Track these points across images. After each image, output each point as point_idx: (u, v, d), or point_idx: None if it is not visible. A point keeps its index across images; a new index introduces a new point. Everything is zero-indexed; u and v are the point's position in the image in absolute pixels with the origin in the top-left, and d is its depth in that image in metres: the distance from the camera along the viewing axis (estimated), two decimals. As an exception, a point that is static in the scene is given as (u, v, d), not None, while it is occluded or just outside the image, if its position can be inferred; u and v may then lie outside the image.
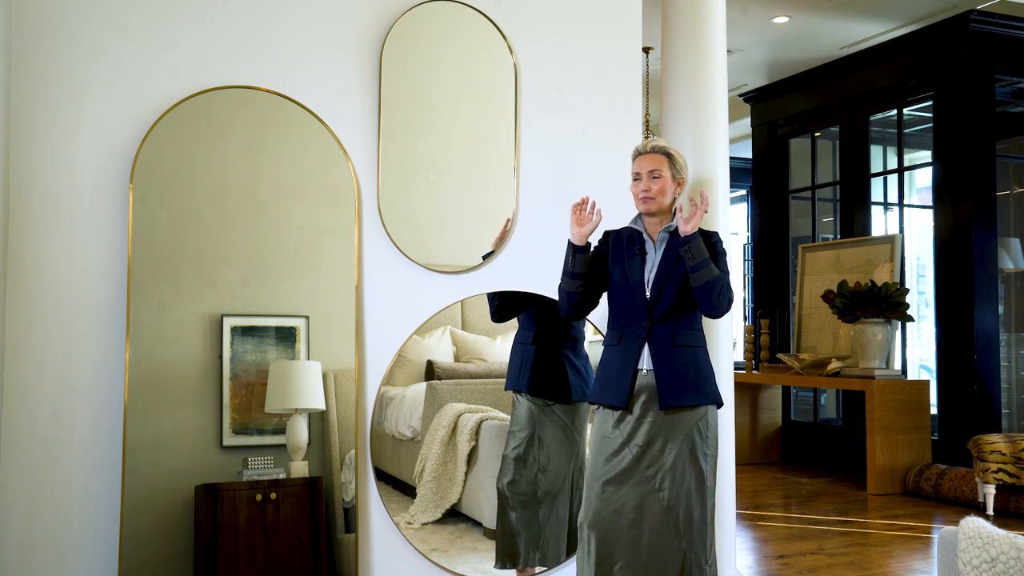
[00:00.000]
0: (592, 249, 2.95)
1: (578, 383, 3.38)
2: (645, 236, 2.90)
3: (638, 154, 2.90)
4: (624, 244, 2.93)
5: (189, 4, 3.12)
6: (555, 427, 3.36)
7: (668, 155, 2.88)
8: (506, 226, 3.42)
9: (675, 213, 2.87)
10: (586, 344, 3.47)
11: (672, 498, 2.73)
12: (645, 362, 2.82)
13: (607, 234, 3.00)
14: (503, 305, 3.43)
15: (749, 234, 10.52)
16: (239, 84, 3.14)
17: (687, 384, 2.78)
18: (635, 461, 2.77)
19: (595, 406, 2.92)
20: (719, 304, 2.79)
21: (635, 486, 2.76)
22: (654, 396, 2.78)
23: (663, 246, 2.87)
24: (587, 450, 2.95)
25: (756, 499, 6.15)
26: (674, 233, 2.86)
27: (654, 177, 2.85)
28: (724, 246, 2.93)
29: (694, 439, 2.77)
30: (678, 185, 2.89)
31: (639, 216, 2.92)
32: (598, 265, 2.95)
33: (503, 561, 3.32)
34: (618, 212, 3.54)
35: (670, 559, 2.72)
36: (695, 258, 2.75)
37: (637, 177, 2.88)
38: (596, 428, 2.89)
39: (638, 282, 2.85)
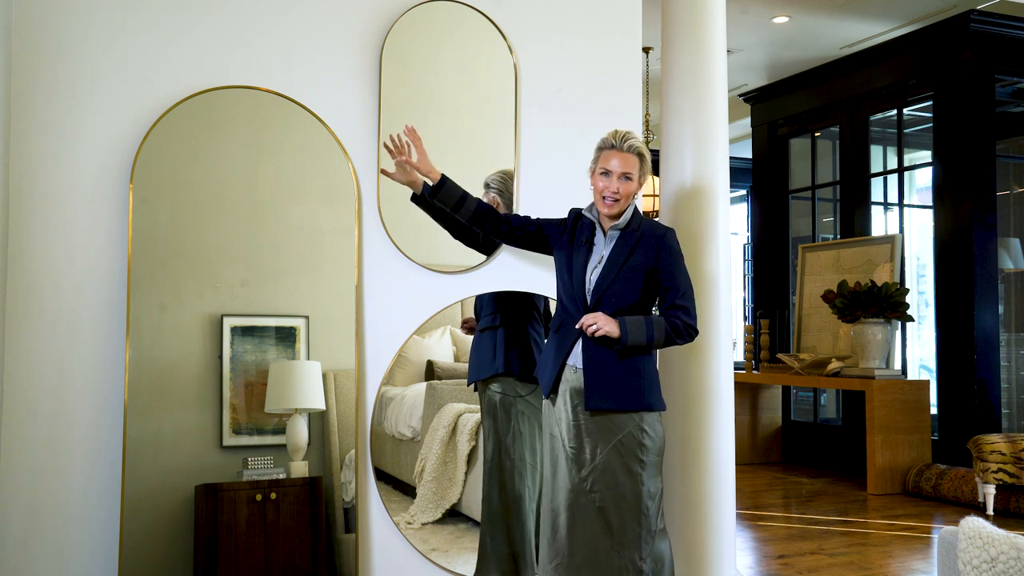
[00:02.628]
0: (445, 185, 2.93)
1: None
2: (597, 227, 2.83)
3: (610, 147, 2.77)
4: (575, 231, 2.86)
5: (189, 4, 3.12)
6: (532, 420, 3.29)
7: (641, 156, 2.77)
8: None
9: (628, 208, 2.82)
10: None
11: (603, 500, 2.70)
12: (576, 359, 2.77)
13: (571, 213, 2.92)
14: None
15: (749, 234, 10.52)
16: (239, 84, 3.14)
17: (617, 388, 2.71)
18: (568, 463, 2.75)
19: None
20: (680, 344, 2.80)
21: (570, 488, 2.73)
22: (582, 396, 2.73)
23: (611, 244, 2.79)
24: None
25: (756, 499, 6.15)
26: (624, 230, 2.79)
27: (626, 178, 2.75)
28: (679, 250, 2.82)
29: (628, 444, 2.71)
30: (641, 186, 2.81)
31: (593, 205, 2.85)
32: (524, 232, 2.94)
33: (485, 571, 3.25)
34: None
35: (604, 559, 2.70)
36: (640, 345, 2.69)
37: (605, 173, 2.75)
38: (543, 423, 2.89)
39: (579, 278, 2.78)
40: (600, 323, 2.66)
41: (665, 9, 3.95)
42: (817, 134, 8.14)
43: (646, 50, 7.12)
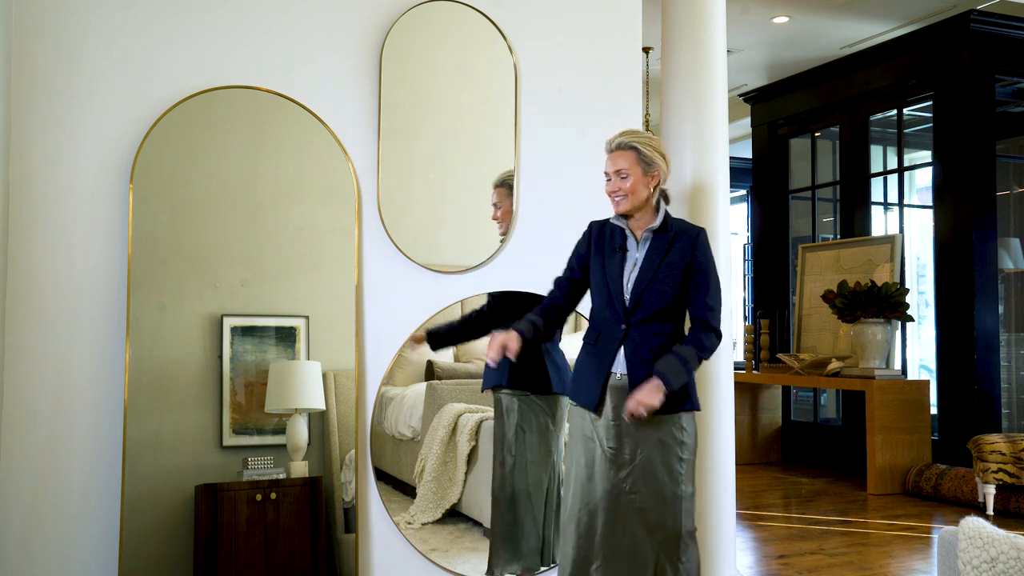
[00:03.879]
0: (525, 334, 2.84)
1: (556, 375, 3.32)
2: (627, 232, 2.80)
3: (607, 152, 2.76)
4: (606, 239, 2.82)
5: (189, 4, 3.12)
6: (536, 418, 3.30)
7: (635, 148, 2.73)
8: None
9: (660, 210, 2.79)
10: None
11: (643, 501, 2.69)
12: (620, 366, 2.74)
13: (592, 225, 2.88)
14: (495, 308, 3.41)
15: (749, 234, 10.52)
16: (239, 84, 3.14)
17: None
18: (608, 464, 2.72)
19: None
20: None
21: (609, 489, 2.71)
22: (624, 397, 2.71)
23: (646, 246, 2.77)
24: (565, 446, 2.91)
25: (756, 499, 6.15)
26: (657, 232, 2.77)
27: (622, 177, 2.72)
28: (711, 250, 2.79)
29: (668, 444, 2.71)
30: (652, 178, 2.74)
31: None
32: (575, 286, 2.89)
33: (498, 567, 3.27)
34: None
35: (644, 560, 2.69)
36: (681, 381, 2.67)
37: (607, 176, 2.75)
38: (574, 425, 2.85)
39: (616, 285, 2.75)
40: (644, 400, 2.60)
41: (665, 9, 3.95)
42: (817, 134, 8.14)
43: (646, 50, 7.12)
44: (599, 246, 2.83)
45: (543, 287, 3.38)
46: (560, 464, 3.34)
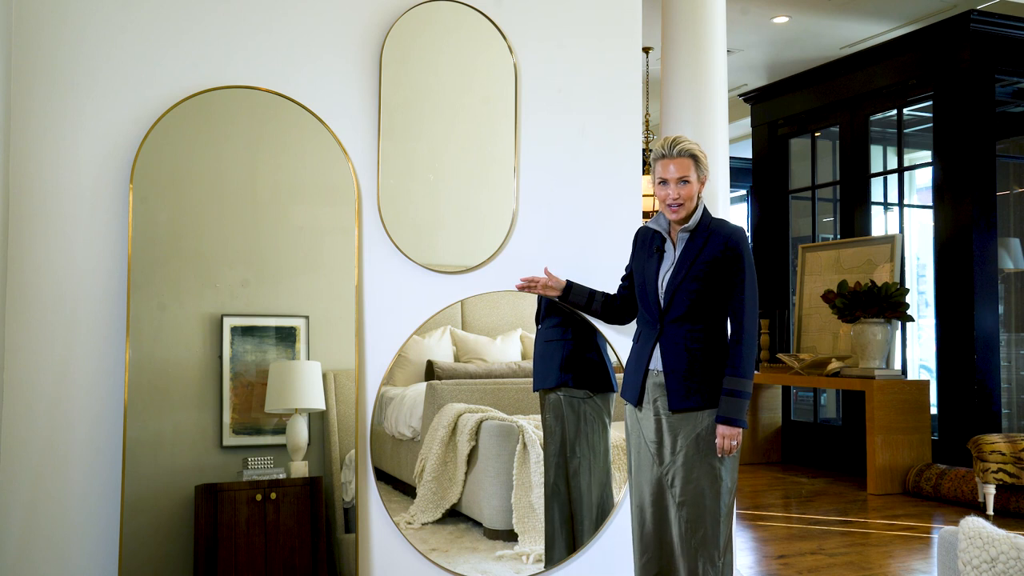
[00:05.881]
0: (571, 290, 3.17)
1: (612, 374, 3.46)
2: (666, 235, 2.88)
3: (663, 157, 2.82)
4: (646, 244, 2.93)
5: (189, 4, 3.12)
6: (599, 417, 3.38)
7: (694, 157, 2.81)
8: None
9: (697, 210, 2.85)
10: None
11: (683, 495, 2.77)
12: (657, 363, 2.84)
13: (637, 232, 3.02)
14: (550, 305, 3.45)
15: (749, 234, 10.52)
16: (239, 84, 3.14)
17: (695, 386, 2.77)
18: (651, 459, 2.84)
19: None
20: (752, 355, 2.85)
21: (652, 483, 2.83)
22: (665, 396, 2.81)
23: (681, 247, 2.84)
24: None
25: (756, 499, 6.15)
26: (693, 232, 2.83)
27: (683, 182, 2.79)
28: (746, 248, 2.82)
29: (708, 439, 2.77)
30: (702, 184, 2.85)
31: (661, 214, 2.90)
32: (630, 292, 3.07)
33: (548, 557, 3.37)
34: (616, 213, 3.55)
35: (684, 554, 2.78)
36: (736, 408, 2.75)
37: (663, 182, 2.80)
38: (627, 421, 2.98)
39: (652, 286, 2.85)
40: (728, 442, 2.76)
41: (665, 9, 3.95)
42: (817, 134, 8.14)
43: (646, 50, 7.12)
44: (641, 251, 2.96)
45: (543, 287, 3.39)
46: (611, 460, 3.45)
